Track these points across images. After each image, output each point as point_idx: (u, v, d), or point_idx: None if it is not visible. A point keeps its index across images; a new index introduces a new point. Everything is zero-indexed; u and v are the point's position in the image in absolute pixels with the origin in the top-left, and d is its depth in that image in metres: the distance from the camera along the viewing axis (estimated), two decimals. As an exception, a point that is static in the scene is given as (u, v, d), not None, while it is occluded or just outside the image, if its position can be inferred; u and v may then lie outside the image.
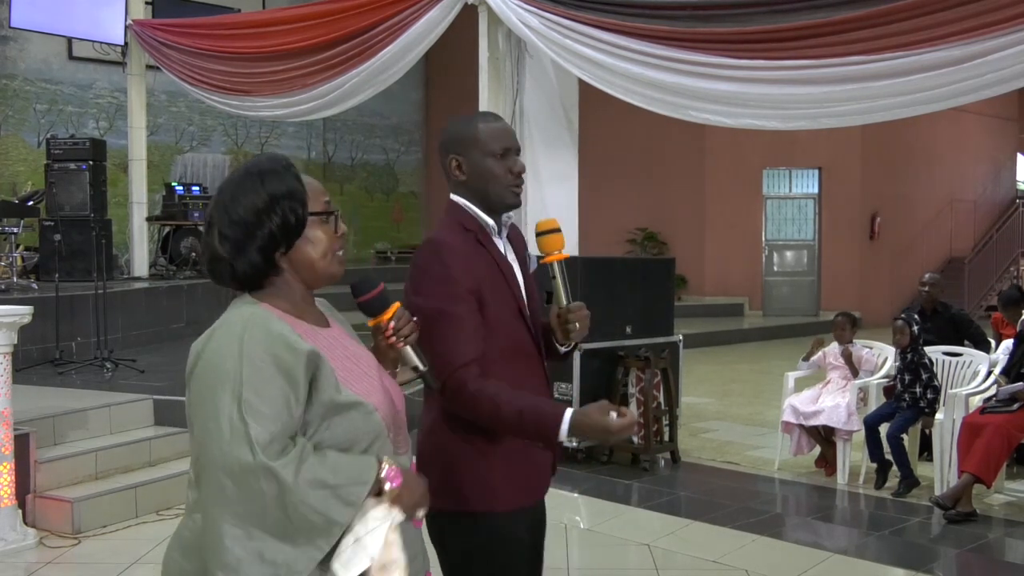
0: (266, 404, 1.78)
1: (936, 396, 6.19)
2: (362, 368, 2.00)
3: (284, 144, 18.08)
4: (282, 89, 9.41)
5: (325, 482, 1.79)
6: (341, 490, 1.80)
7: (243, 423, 1.76)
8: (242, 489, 1.76)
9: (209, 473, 1.80)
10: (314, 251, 1.97)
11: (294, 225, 1.93)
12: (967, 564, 5.11)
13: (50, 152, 10.68)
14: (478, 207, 2.49)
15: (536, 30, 7.22)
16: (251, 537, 1.77)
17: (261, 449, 1.75)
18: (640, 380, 6.66)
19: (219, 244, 1.93)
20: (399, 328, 2.09)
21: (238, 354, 1.81)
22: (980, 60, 5.45)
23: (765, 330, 16.08)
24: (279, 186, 1.93)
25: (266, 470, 1.75)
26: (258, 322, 1.86)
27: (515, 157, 2.51)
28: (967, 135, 19.92)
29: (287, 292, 1.97)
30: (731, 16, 6.55)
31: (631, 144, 17.26)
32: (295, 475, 1.76)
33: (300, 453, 1.79)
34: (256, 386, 1.79)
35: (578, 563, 5.13)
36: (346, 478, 1.82)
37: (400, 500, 1.89)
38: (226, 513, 1.77)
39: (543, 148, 7.73)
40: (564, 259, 2.52)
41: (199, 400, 1.83)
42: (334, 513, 1.79)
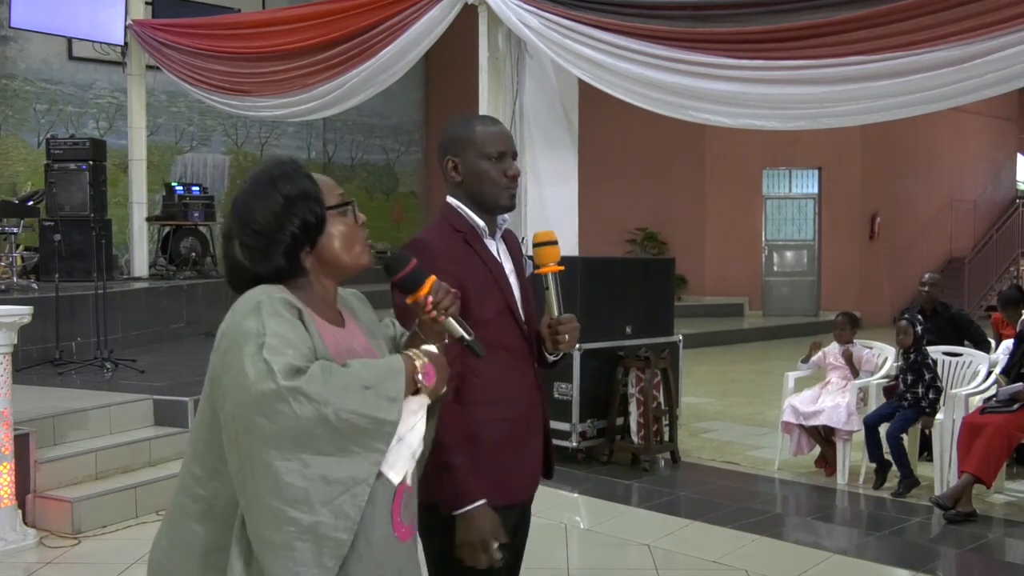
0: (287, 344, 1.79)
1: (938, 397, 6.18)
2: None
3: (284, 144, 18.08)
4: (282, 89, 9.42)
5: (361, 384, 1.79)
6: (380, 387, 1.81)
7: (264, 362, 1.76)
8: (278, 419, 1.74)
9: (247, 421, 1.77)
10: (339, 245, 2.00)
11: (314, 224, 1.96)
12: (967, 564, 5.11)
13: (50, 152, 10.68)
14: (472, 209, 2.54)
15: (536, 30, 7.22)
16: (307, 465, 1.75)
17: (283, 376, 1.74)
18: (640, 380, 6.65)
19: (242, 255, 1.96)
20: (438, 301, 2.05)
21: (257, 312, 1.83)
22: (980, 60, 5.45)
23: (765, 330, 16.08)
24: (292, 188, 1.95)
25: (293, 391, 1.73)
26: (275, 291, 1.90)
27: (510, 161, 2.55)
28: (967, 135, 19.92)
29: (307, 292, 1.98)
30: (731, 16, 6.55)
31: (631, 144, 17.25)
32: (323, 386, 1.75)
33: (322, 368, 1.78)
34: (276, 331, 1.80)
35: (578, 563, 5.13)
36: (380, 376, 1.82)
37: (434, 391, 1.94)
38: (271, 451, 1.75)
39: (543, 148, 7.73)
40: (559, 271, 2.55)
41: (229, 365, 1.82)
42: (380, 412, 1.79)
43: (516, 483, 2.56)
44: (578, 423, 6.61)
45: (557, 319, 2.55)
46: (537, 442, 2.64)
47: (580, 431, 6.64)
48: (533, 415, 2.62)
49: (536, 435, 2.64)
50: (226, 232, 2.00)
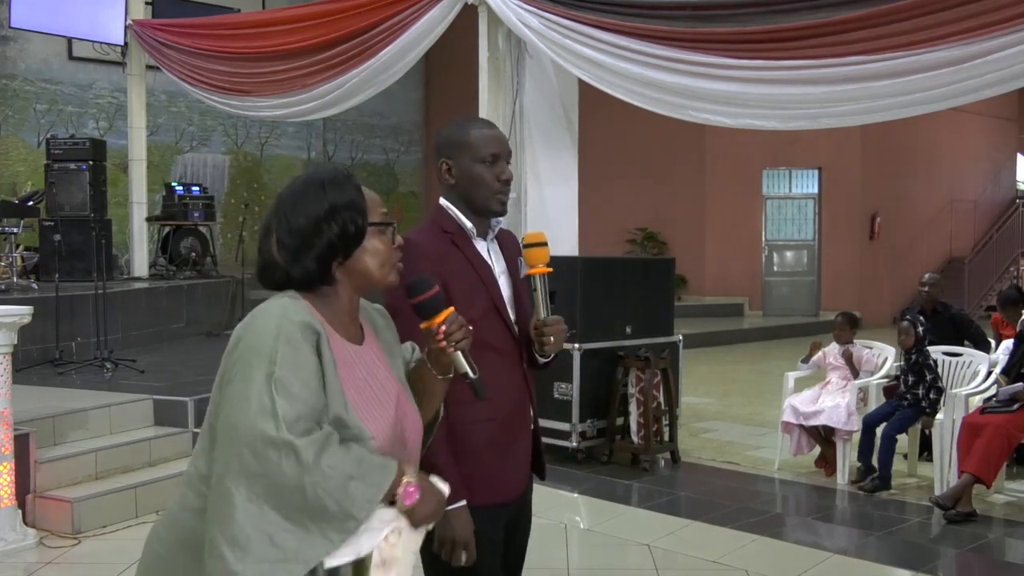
0: (297, 384, 1.80)
1: (939, 397, 6.18)
2: (379, 395, 2.00)
3: (284, 144, 18.07)
4: (282, 89, 9.41)
5: (346, 472, 1.78)
6: (361, 484, 1.79)
7: (271, 399, 1.77)
8: (262, 463, 1.76)
9: (231, 447, 1.79)
10: (372, 261, 2.01)
11: (353, 235, 1.97)
12: (967, 564, 5.10)
13: (50, 152, 10.68)
14: (463, 211, 2.57)
15: (536, 30, 7.22)
16: (264, 516, 1.77)
17: (287, 426, 1.76)
18: (640, 380, 6.65)
19: (277, 251, 1.97)
20: (450, 332, 2.07)
21: (275, 335, 1.83)
22: (980, 60, 5.45)
23: (765, 330, 16.09)
24: (340, 196, 1.97)
25: (288, 445, 1.75)
26: (297, 308, 1.90)
27: (504, 165, 2.58)
28: (967, 135, 19.93)
29: (332, 302, 2.00)
30: (731, 16, 6.55)
31: (631, 144, 17.25)
32: (316, 456, 1.75)
33: (325, 438, 1.79)
34: (289, 365, 1.81)
35: (578, 563, 5.13)
36: (367, 474, 1.81)
37: (412, 515, 1.89)
38: (243, 487, 1.77)
39: (543, 148, 7.73)
40: (546, 273, 2.55)
41: (233, 376, 1.84)
42: (351, 505, 1.78)
43: (502, 482, 2.57)
44: (578, 423, 6.61)
45: (543, 321, 2.55)
46: (525, 442, 2.65)
47: (580, 431, 6.64)
48: (520, 415, 2.62)
49: (524, 435, 2.65)
50: (266, 226, 2.02)
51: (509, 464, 2.59)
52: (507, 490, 2.59)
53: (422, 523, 1.92)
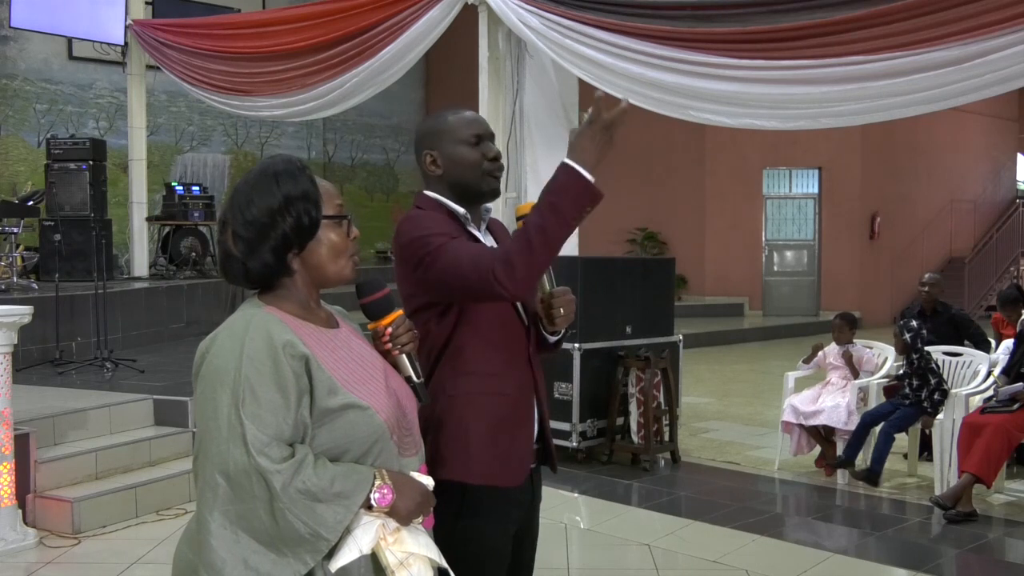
0: (264, 407, 1.80)
1: (943, 399, 6.17)
2: (367, 370, 2.00)
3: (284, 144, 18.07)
4: (282, 89, 9.41)
5: (316, 495, 1.79)
6: (332, 505, 1.81)
7: (240, 423, 1.78)
8: (235, 490, 1.78)
9: (206, 471, 1.81)
10: (326, 253, 1.99)
11: (307, 227, 1.95)
12: (967, 564, 5.11)
13: (50, 152, 10.68)
14: (451, 199, 2.48)
15: (536, 30, 7.22)
16: (238, 541, 1.79)
17: (256, 452, 1.77)
18: (640, 380, 6.65)
19: (233, 244, 1.96)
20: (396, 335, 2.09)
21: (239, 355, 1.83)
22: (980, 60, 5.45)
23: (765, 330, 16.09)
24: (293, 188, 1.95)
25: (259, 472, 1.76)
26: (261, 325, 1.88)
27: (489, 143, 2.49)
28: (967, 135, 19.93)
29: (296, 294, 1.99)
30: (731, 16, 6.55)
31: (631, 144, 17.20)
32: (286, 483, 1.77)
33: (298, 464, 1.79)
34: (255, 387, 1.81)
35: (578, 563, 5.12)
36: (338, 494, 1.82)
37: (395, 512, 1.90)
38: (216, 513, 1.79)
39: (543, 148, 7.72)
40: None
41: (202, 399, 1.85)
42: (322, 527, 1.80)
43: (515, 462, 2.49)
44: (578, 423, 6.61)
45: (550, 292, 2.48)
46: (529, 428, 2.55)
47: (580, 431, 6.64)
48: (526, 396, 2.52)
49: (529, 420, 2.54)
50: (222, 219, 2.01)
51: (520, 447, 2.49)
52: (515, 472, 2.48)
53: (409, 518, 1.92)
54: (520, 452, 2.52)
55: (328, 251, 1.99)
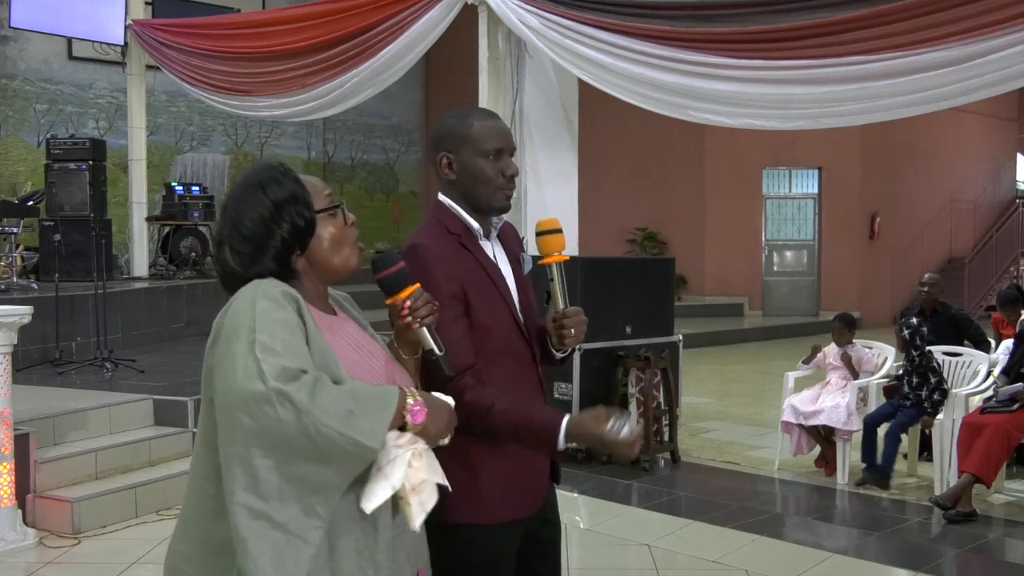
0: (278, 342, 1.80)
1: (943, 399, 6.17)
2: (366, 359, 2.01)
3: (284, 144, 18.07)
4: (282, 89, 9.41)
5: (345, 406, 1.78)
6: (364, 417, 1.79)
7: (255, 360, 1.77)
8: (261, 421, 1.75)
9: (230, 415, 1.79)
10: (328, 247, 2.01)
11: (304, 228, 1.97)
12: (967, 564, 5.11)
13: (50, 152, 10.68)
14: (465, 209, 2.40)
15: (536, 30, 7.22)
16: (285, 462, 1.77)
17: (273, 378, 1.75)
18: (640, 380, 6.65)
19: (233, 261, 1.97)
20: (415, 308, 2.07)
21: (251, 308, 1.85)
22: (980, 60, 5.45)
23: (765, 330, 16.09)
24: (281, 193, 1.96)
25: (279, 394, 1.74)
26: (271, 284, 1.91)
27: (508, 159, 2.40)
28: (967, 135, 19.93)
29: (298, 287, 1.99)
30: (731, 16, 6.55)
31: (631, 144, 17.26)
32: (310, 398, 1.75)
33: (314, 381, 1.77)
34: (268, 328, 1.81)
35: (578, 563, 5.12)
36: (369, 402, 1.82)
37: (425, 432, 1.89)
38: (252, 448, 1.77)
39: (543, 148, 7.73)
40: (564, 261, 2.41)
41: (220, 358, 1.84)
42: (361, 436, 1.78)
43: (528, 495, 2.45)
44: (578, 423, 6.60)
45: (562, 312, 2.42)
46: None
47: (580, 431, 6.63)
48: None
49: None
50: (217, 238, 2.02)
51: (531, 477, 2.46)
52: (527, 505, 2.46)
53: (437, 437, 1.93)
54: (535, 480, 2.49)
55: (330, 244, 2.01)
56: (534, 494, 2.49)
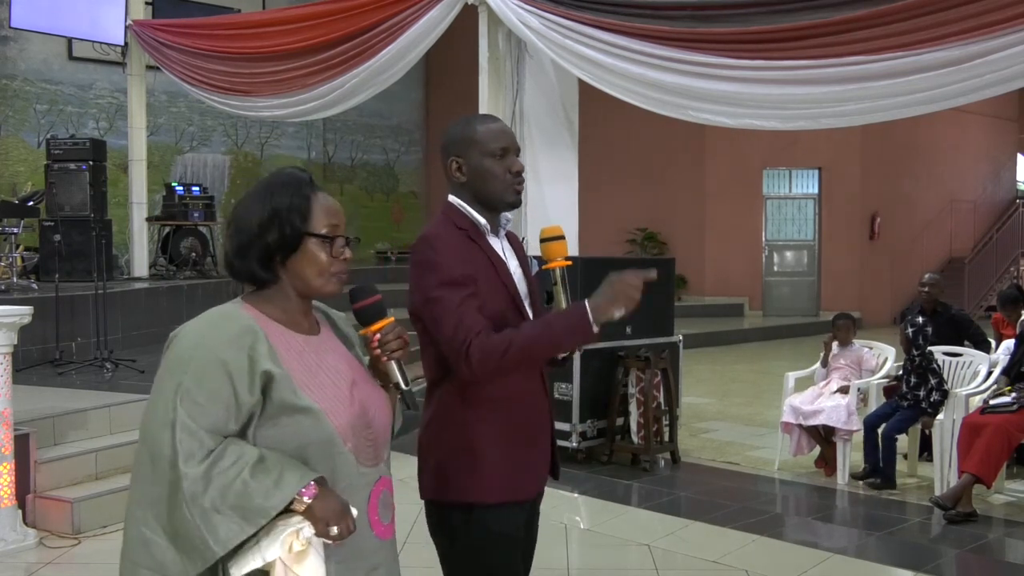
0: (203, 395, 1.86)
1: (943, 399, 6.16)
2: (330, 377, 2.03)
3: (284, 144, 18.08)
4: (282, 89, 9.42)
5: (217, 502, 1.82)
6: (230, 519, 1.82)
7: (174, 410, 1.85)
8: (156, 472, 1.86)
9: (141, 447, 1.90)
10: (309, 268, 2.03)
11: (287, 239, 2.00)
12: (967, 564, 5.10)
13: (50, 152, 10.68)
14: (475, 207, 2.53)
15: (536, 30, 7.22)
16: (147, 524, 1.88)
17: (179, 440, 1.83)
18: (640, 380, 6.65)
19: (228, 246, 2.04)
20: (384, 342, 2.12)
21: (195, 344, 1.92)
22: (980, 60, 5.45)
23: (765, 330, 16.09)
24: (283, 200, 2.01)
25: (173, 461, 1.83)
26: (226, 320, 1.96)
27: (514, 157, 2.55)
28: (967, 135, 19.92)
29: (282, 299, 2.05)
30: (731, 16, 6.55)
31: (631, 144, 17.26)
32: (196, 478, 1.82)
33: (210, 466, 1.83)
34: (198, 376, 1.87)
35: (578, 563, 5.12)
36: (244, 507, 1.83)
37: (311, 513, 1.88)
38: (137, 493, 1.90)
39: (543, 148, 7.73)
40: (566, 266, 2.53)
41: (156, 380, 1.93)
42: (211, 537, 1.82)
43: (529, 478, 2.55)
44: (578, 423, 6.62)
45: None
46: (545, 440, 2.63)
47: (580, 431, 6.64)
48: (541, 413, 2.60)
49: (545, 433, 2.63)
50: (228, 219, 2.09)
51: (532, 462, 2.57)
52: (528, 488, 2.56)
53: (322, 525, 1.88)
54: (540, 463, 2.60)
55: (309, 267, 2.02)
56: (536, 478, 2.60)
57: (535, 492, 2.60)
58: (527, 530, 2.62)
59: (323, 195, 2.06)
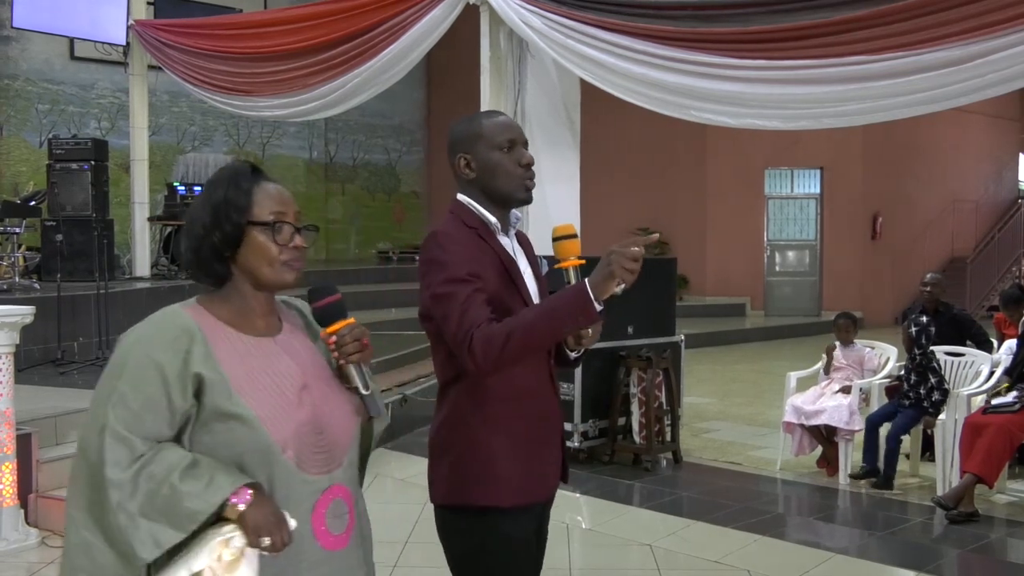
0: (137, 399, 1.84)
1: (944, 399, 6.16)
2: (275, 381, 1.96)
3: (286, 144, 18.09)
4: (284, 89, 9.42)
5: (144, 507, 1.79)
6: (156, 525, 1.79)
7: (105, 413, 1.83)
8: (91, 476, 1.83)
9: (78, 451, 1.88)
10: (256, 259, 1.97)
11: (230, 233, 1.95)
12: (969, 564, 5.10)
13: (52, 152, 10.69)
14: (484, 205, 2.49)
15: (538, 30, 7.23)
16: (87, 527, 1.84)
17: (107, 444, 1.81)
18: (642, 380, 6.65)
19: (184, 250, 2.02)
20: (342, 344, 2.02)
21: (133, 347, 1.92)
22: (981, 60, 5.45)
23: (767, 330, 16.09)
24: (218, 195, 1.97)
25: (100, 465, 1.81)
26: (166, 322, 1.95)
27: (522, 149, 2.50)
28: (969, 135, 19.91)
29: (235, 297, 2.00)
30: (733, 16, 6.55)
31: (633, 144, 17.25)
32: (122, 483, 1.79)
33: (138, 471, 1.80)
34: (133, 379, 1.86)
35: (580, 563, 5.13)
36: (172, 513, 1.80)
37: (243, 522, 1.82)
38: (75, 497, 1.86)
39: (545, 148, 7.72)
40: (580, 265, 2.46)
41: (98, 382, 1.92)
42: (136, 542, 1.79)
43: (541, 481, 2.52)
44: (580, 423, 6.61)
45: None
46: (556, 442, 2.59)
47: (582, 431, 6.64)
48: (552, 413, 2.56)
49: (556, 435, 2.59)
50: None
51: (545, 464, 2.52)
52: (540, 491, 2.52)
53: (255, 534, 1.81)
54: (549, 466, 2.55)
55: (255, 257, 1.97)
56: (548, 480, 2.56)
57: (548, 495, 2.56)
58: (538, 533, 2.59)
59: (268, 184, 2.00)
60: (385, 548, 5.18)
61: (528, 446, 2.45)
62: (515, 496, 2.42)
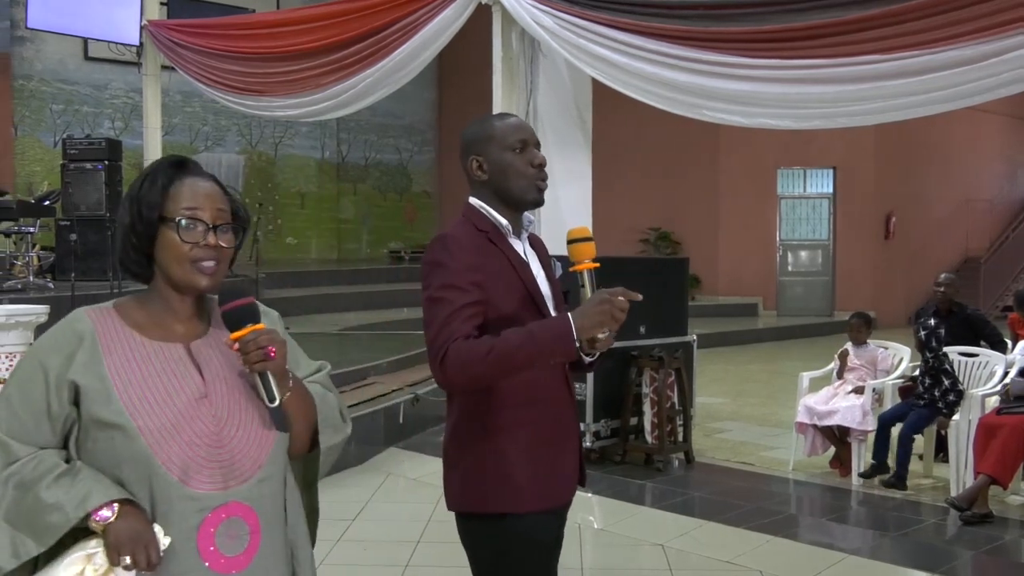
0: (22, 402, 1.82)
1: (959, 400, 6.13)
2: (169, 390, 1.86)
3: (298, 144, 18.13)
4: (296, 89, 9.43)
5: (11, 520, 1.76)
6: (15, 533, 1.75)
7: None
8: None
9: None
10: (167, 257, 1.90)
11: (143, 231, 1.90)
12: (983, 566, 5.08)
13: (66, 152, 10.75)
14: (496, 207, 2.47)
15: (550, 30, 7.22)
16: None
17: None
18: (654, 380, 6.65)
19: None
20: (245, 351, 1.87)
21: (32, 349, 1.89)
22: (995, 59, 5.42)
23: (779, 330, 16.05)
24: (131, 191, 1.94)
25: None
26: (64, 325, 1.90)
27: (534, 150, 2.49)
28: (983, 134, 19.82)
29: (155, 299, 1.96)
30: (745, 15, 6.53)
31: (645, 144, 17.24)
32: None
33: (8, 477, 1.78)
34: (21, 382, 1.84)
35: (592, 563, 5.12)
36: (33, 521, 1.75)
37: (107, 535, 1.74)
38: None
39: (557, 148, 7.71)
40: (594, 268, 2.41)
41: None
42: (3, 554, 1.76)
43: (560, 485, 2.51)
44: (592, 423, 6.61)
45: None
46: (573, 444, 2.57)
47: (594, 431, 6.64)
48: (567, 416, 2.54)
49: (572, 438, 2.57)
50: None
51: (563, 468, 2.51)
52: (559, 495, 2.52)
53: (117, 550, 1.73)
54: (567, 469, 2.54)
55: (166, 255, 1.90)
56: (566, 484, 2.55)
57: (566, 499, 2.55)
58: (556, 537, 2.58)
59: (193, 179, 1.94)
60: (397, 548, 5.19)
61: (543, 451, 2.44)
62: (534, 501, 2.41)
